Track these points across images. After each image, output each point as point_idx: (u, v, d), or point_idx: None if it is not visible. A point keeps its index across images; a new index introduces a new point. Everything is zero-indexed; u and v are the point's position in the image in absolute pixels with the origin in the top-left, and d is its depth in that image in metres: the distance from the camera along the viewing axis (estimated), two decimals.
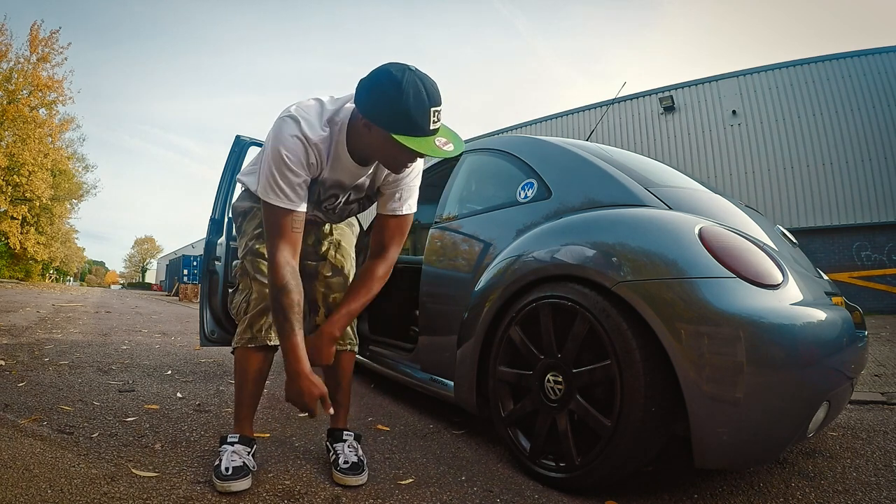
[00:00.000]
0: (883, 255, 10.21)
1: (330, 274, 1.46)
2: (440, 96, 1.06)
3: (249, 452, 1.28)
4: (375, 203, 1.40)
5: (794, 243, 1.85)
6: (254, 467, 1.27)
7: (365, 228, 1.90)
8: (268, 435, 1.65)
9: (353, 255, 1.55)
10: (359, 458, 1.32)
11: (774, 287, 1.15)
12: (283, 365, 1.17)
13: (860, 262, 10.40)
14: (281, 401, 2.15)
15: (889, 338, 4.85)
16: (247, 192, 1.45)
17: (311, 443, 1.60)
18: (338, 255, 1.49)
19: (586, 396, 1.26)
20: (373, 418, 1.94)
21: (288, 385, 1.14)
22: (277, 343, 1.28)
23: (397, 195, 1.32)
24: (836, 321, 1.19)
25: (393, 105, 1.01)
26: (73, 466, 1.26)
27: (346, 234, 1.55)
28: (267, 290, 1.25)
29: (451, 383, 1.70)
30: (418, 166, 1.32)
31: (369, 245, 1.37)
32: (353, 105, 1.14)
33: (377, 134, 1.08)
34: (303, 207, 1.18)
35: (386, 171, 1.29)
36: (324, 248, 1.48)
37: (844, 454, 1.58)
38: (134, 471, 1.25)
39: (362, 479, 1.27)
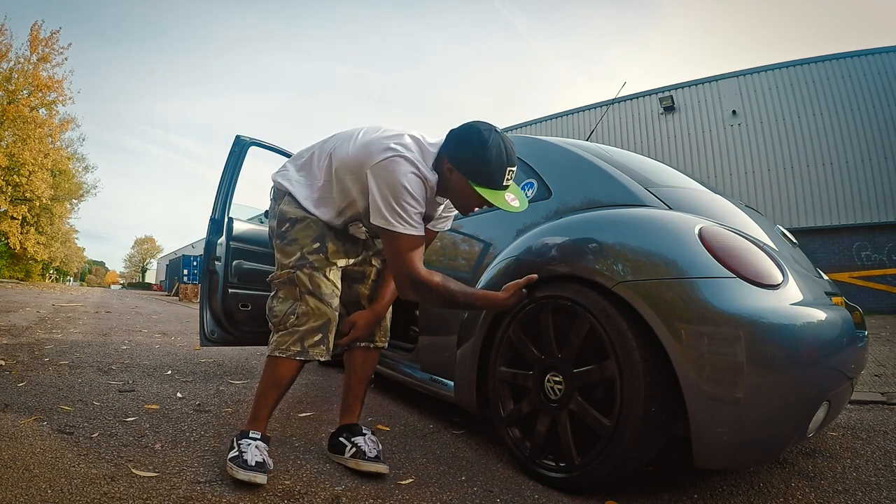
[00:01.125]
0: (883, 255, 10.21)
1: (376, 279, 1.56)
2: (515, 158, 1.24)
3: (267, 451, 1.32)
4: None
5: (794, 243, 1.85)
6: (271, 466, 1.28)
7: None
8: (269, 435, 1.65)
9: None
10: (378, 451, 1.38)
11: (774, 287, 1.15)
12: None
13: (860, 262, 10.40)
14: (281, 401, 2.15)
15: (889, 338, 4.85)
16: (293, 198, 1.43)
17: (311, 443, 1.60)
18: (375, 260, 1.58)
19: (586, 396, 1.26)
20: (373, 418, 1.94)
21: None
22: (326, 358, 1.38)
23: (448, 218, 1.52)
24: (836, 321, 1.19)
25: (477, 158, 1.20)
26: (73, 466, 1.26)
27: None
28: (326, 310, 1.36)
29: (451, 383, 1.70)
30: None
31: None
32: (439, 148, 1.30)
33: (458, 179, 1.25)
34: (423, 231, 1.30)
35: (448, 203, 1.44)
36: (370, 255, 1.57)
37: (844, 454, 1.58)
38: (134, 471, 1.25)
39: (388, 468, 1.35)
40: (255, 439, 1.30)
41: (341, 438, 1.42)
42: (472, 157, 1.20)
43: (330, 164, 1.37)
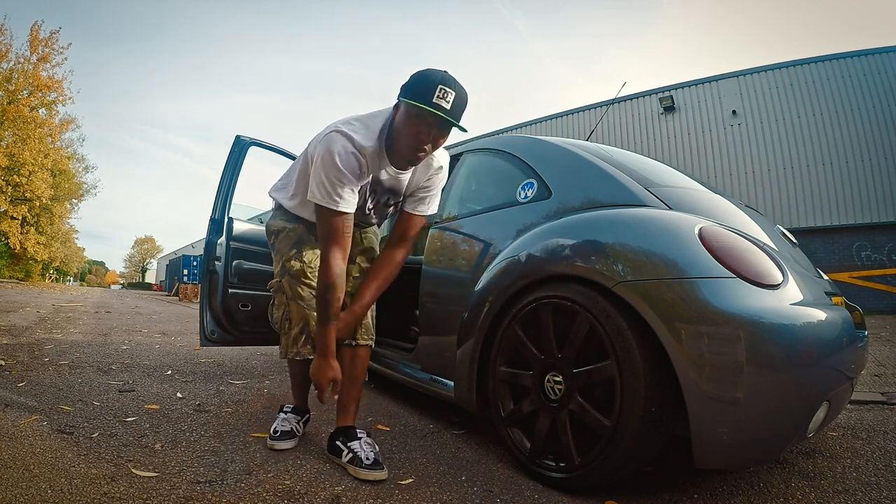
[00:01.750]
0: (883, 255, 10.20)
1: (358, 275, 1.60)
2: (458, 88, 1.24)
3: (300, 420, 1.60)
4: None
5: (794, 243, 1.84)
6: (299, 432, 1.57)
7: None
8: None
9: None
10: (376, 454, 1.36)
11: (774, 287, 1.15)
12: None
13: (860, 262, 10.39)
14: (281, 400, 2.15)
15: (889, 338, 4.85)
16: (280, 211, 1.60)
17: (310, 443, 1.60)
18: (367, 259, 1.64)
19: (586, 396, 1.26)
20: (373, 418, 1.94)
21: (315, 363, 1.34)
22: (313, 356, 1.45)
23: (426, 200, 1.51)
24: (836, 321, 1.19)
25: (412, 79, 1.26)
26: (73, 466, 1.26)
27: (373, 240, 1.71)
28: (306, 312, 1.48)
29: (451, 383, 1.70)
30: (443, 175, 1.52)
31: (390, 235, 1.55)
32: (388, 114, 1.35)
33: (400, 112, 1.28)
34: (352, 210, 1.34)
35: (417, 178, 1.46)
36: (356, 253, 1.62)
37: (844, 454, 1.58)
38: (134, 471, 1.25)
39: (386, 474, 1.32)
40: (286, 412, 1.60)
41: (338, 442, 1.41)
42: (409, 82, 1.26)
43: (305, 166, 1.45)
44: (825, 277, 1.81)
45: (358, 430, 1.43)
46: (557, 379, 1.31)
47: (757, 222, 1.59)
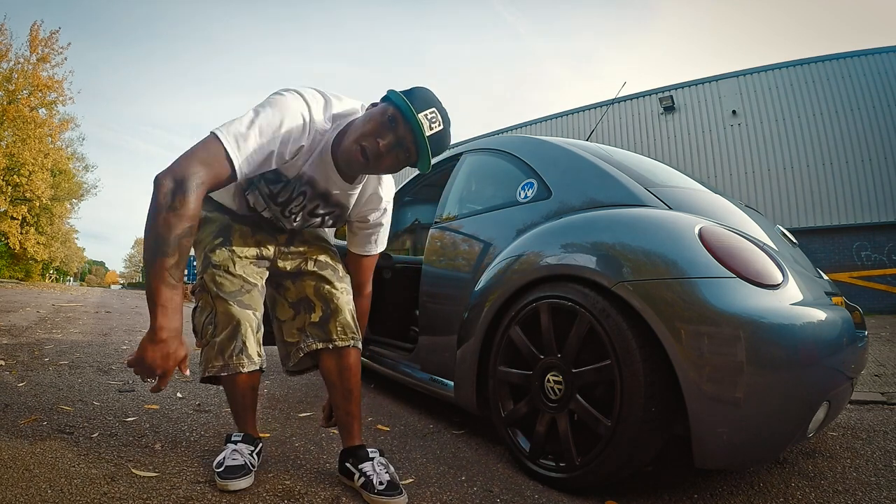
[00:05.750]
0: (883, 255, 10.21)
1: (315, 268, 1.33)
2: (447, 126, 1.12)
3: (252, 451, 1.26)
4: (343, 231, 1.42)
5: (794, 243, 1.85)
6: (254, 466, 1.24)
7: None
8: (268, 435, 1.65)
9: (335, 249, 1.43)
10: (391, 475, 1.18)
11: (774, 287, 1.15)
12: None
13: (860, 262, 10.40)
14: (281, 401, 2.15)
15: (889, 338, 4.85)
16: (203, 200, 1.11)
17: (311, 442, 1.60)
18: (316, 250, 1.36)
19: (586, 396, 1.26)
20: (373, 418, 1.94)
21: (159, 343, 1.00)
22: (255, 368, 1.26)
23: (373, 238, 1.37)
24: (836, 321, 1.19)
25: (412, 88, 1.12)
26: (73, 466, 1.26)
27: (328, 262, 1.37)
28: (231, 309, 1.22)
29: (451, 383, 1.70)
30: (384, 213, 1.34)
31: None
32: (359, 112, 1.18)
33: (376, 108, 1.11)
34: (240, 177, 1.03)
35: (366, 198, 1.30)
36: (298, 248, 1.36)
37: (844, 454, 1.58)
38: (134, 471, 1.25)
39: (404, 499, 1.15)
40: (235, 441, 1.26)
41: (347, 464, 1.24)
42: (408, 88, 1.11)
43: None
44: (825, 277, 1.81)
45: (370, 450, 1.24)
46: (557, 379, 1.31)
47: (757, 222, 1.59)
